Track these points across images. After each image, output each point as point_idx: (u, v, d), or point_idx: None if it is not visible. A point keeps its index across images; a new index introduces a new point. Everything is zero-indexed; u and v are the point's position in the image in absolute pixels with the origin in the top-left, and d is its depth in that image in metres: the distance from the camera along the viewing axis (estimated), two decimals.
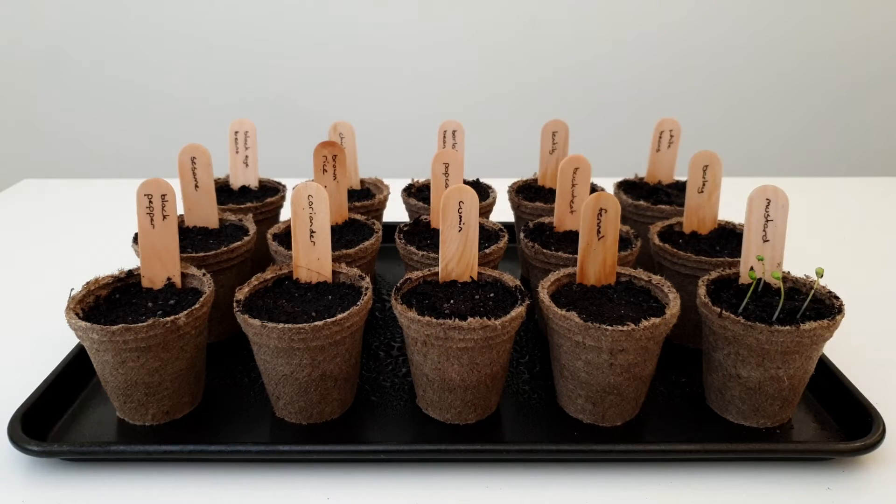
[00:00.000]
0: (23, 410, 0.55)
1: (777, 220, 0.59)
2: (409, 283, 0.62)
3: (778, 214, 0.59)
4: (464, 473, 0.54)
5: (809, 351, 0.55)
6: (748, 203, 0.59)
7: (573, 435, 0.58)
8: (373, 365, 0.68)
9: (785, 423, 0.59)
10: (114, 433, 0.57)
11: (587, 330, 0.54)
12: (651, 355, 0.57)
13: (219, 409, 0.61)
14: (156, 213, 0.60)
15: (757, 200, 0.59)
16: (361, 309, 0.57)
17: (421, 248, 0.71)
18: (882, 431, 0.54)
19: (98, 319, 0.57)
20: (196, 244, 0.71)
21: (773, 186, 0.58)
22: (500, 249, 0.71)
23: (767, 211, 0.58)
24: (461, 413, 0.58)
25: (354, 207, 0.83)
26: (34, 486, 0.52)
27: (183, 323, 0.55)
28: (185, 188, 0.73)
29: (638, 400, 0.59)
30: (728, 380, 0.58)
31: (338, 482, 0.53)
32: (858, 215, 1.11)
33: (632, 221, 0.83)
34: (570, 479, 0.53)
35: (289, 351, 0.55)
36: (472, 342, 0.54)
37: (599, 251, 0.62)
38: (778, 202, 0.58)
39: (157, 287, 0.62)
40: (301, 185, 0.60)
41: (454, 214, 0.59)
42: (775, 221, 0.59)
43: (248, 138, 0.84)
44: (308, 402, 0.58)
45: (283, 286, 0.62)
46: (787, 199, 0.58)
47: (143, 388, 0.56)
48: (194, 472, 0.54)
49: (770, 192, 0.58)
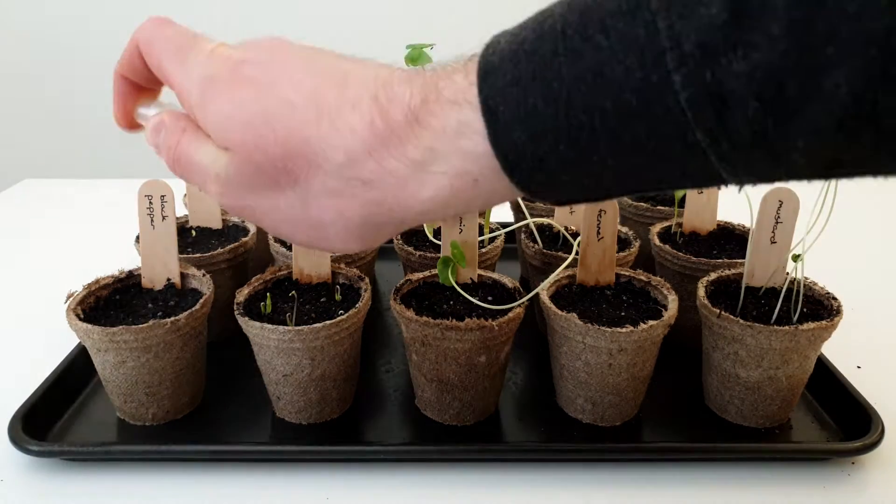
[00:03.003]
0: (23, 410, 0.55)
1: (786, 222, 0.59)
2: (408, 284, 0.62)
3: (788, 217, 0.59)
4: (463, 473, 0.54)
5: (808, 351, 0.55)
6: (761, 203, 0.59)
7: (572, 435, 0.58)
8: (372, 365, 0.68)
9: (784, 424, 0.59)
10: (114, 433, 0.58)
11: (587, 331, 0.54)
12: (650, 356, 0.57)
13: (219, 409, 0.61)
14: (155, 213, 0.60)
15: (770, 201, 0.59)
16: (360, 310, 0.57)
17: (419, 249, 0.71)
18: (881, 432, 0.54)
19: (98, 320, 0.57)
20: (199, 244, 0.72)
21: (788, 189, 0.58)
22: (496, 249, 0.72)
23: (778, 213, 0.59)
24: (459, 414, 0.58)
25: None
26: (34, 486, 0.52)
27: (183, 323, 0.56)
28: (190, 188, 0.73)
29: (637, 400, 0.59)
30: (727, 380, 0.58)
31: (337, 482, 0.53)
32: (858, 215, 1.11)
33: (631, 222, 0.83)
34: (569, 479, 0.53)
35: (288, 351, 0.55)
36: (469, 343, 0.54)
37: (599, 252, 0.62)
38: (790, 205, 0.59)
39: (157, 287, 0.62)
40: None
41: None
42: (784, 223, 0.59)
43: None
44: (308, 402, 0.58)
45: (283, 287, 0.63)
46: (798, 203, 0.58)
47: (143, 388, 0.56)
48: (194, 472, 0.54)
49: (784, 195, 0.58)
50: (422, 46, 0.61)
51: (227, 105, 0.32)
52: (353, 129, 0.30)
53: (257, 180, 0.32)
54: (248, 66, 0.32)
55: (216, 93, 0.32)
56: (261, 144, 0.31)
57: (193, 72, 0.33)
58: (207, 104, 0.33)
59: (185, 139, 0.35)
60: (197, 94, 0.33)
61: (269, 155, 0.31)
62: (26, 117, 1.98)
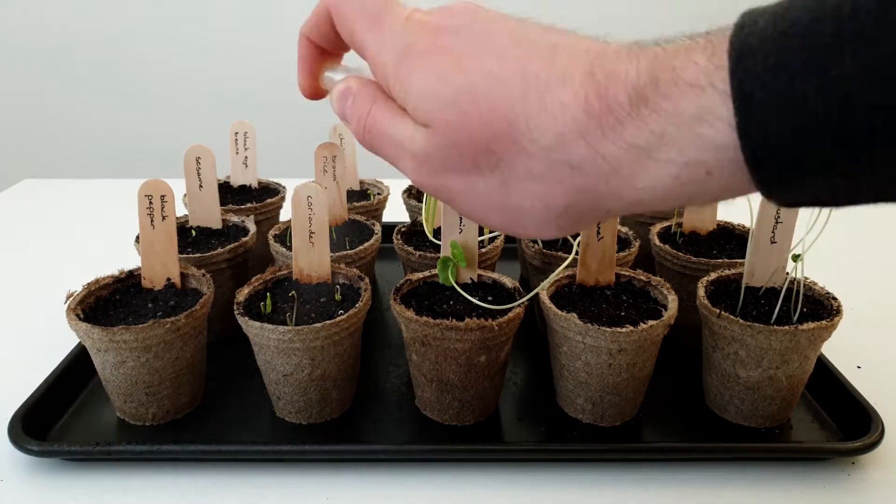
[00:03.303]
0: (23, 410, 0.55)
1: (786, 222, 0.59)
2: (408, 284, 0.62)
3: (788, 217, 0.59)
4: (463, 473, 0.54)
5: (808, 351, 0.55)
6: (761, 203, 0.59)
7: (572, 435, 0.58)
8: (372, 365, 0.68)
9: (784, 423, 0.59)
10: (114, 433, 0.58)
11: (587, 331, 0.54)
12: (650, 356, 0.57)
13: (219, 409, 0.61)
14: (155, 213, 0.60)
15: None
16: (360, 310, 0.57)
17: (419, 249, 0.71)
18: (881, 432, 0.54)
19: (98, 320, 0.57)
20: (199, 244, 0.72)
21: None
22: (496, 248, 0.72)
23: (778, 213, 0.59)
24: (459, 414, 0.58)
25: (354, 208, 0.84)
26: (34, 486, 0.52)
27: (183, 323, 0.56)
28: (190, 188, 0.73)
29: (637, 400, 0.59)
30: (727, 380, 0.58)
31: (337, 482, 0.53)
32: (858, 215, 1.11)
33: (631, 222, 0.83)
34: (569, 480, 0.53)
35: (288, 351, 0.55)
36: (469, 343, 0.54)
37: (598, 252, 0.62)
38: None
39: (157, 287, 0.62)
40: (300, 186, 0.60)
41: (454, 216, 0.60)
42: (784, 223, 0.59)
43: (248, 139, 0.85)
44: (308, 402, 0.58)
45: (283, 287, 0.63)
46: None
47: (143, 388, 0.56)
48: (194, 472, 0.54)
49: None
50: None
51: (427, 79, 0.30)
52: (565, 107, 0.27)
53: (457, 161, 0.30)
54: (447, 35, 0.30)
55: (415, 65, 0.30)
56: (465, 123, 0.29)
57: (389, 40, 0.32)
58: (406, 76, 0.31)
59: (376, 109, 0.33)
60: (393, 64, 0.31)
61: (471, 134, 0.29)
62: (26, 117, 1.98)
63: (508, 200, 0.30)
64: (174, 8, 1.85)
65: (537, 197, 0.29)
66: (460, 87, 0.29)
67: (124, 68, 1.91)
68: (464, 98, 0.29)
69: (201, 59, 1.90)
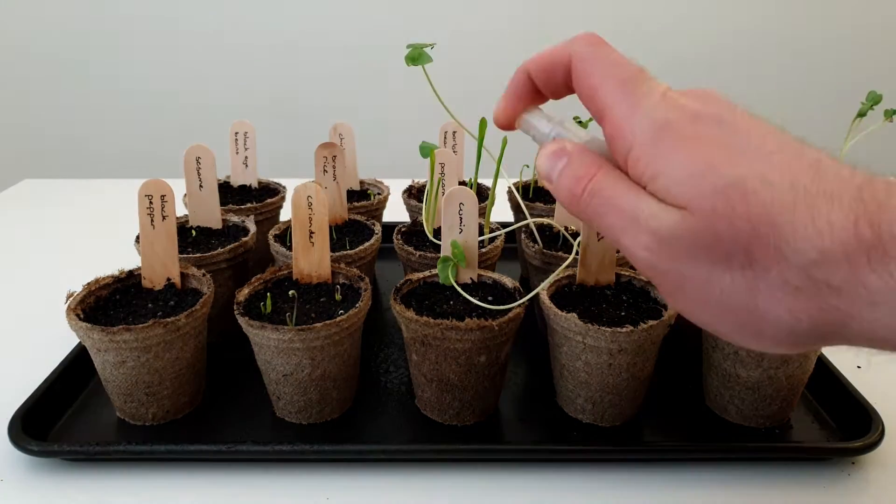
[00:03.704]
0: (23, 410, 0.55)
1: None
2: (409, 283, 0.62)
3: None
4: (463, 473, 0.54)
5: (808, 351, 0.55)
6: None
7: (572, 435, 0.58)
8: (372, 365, 0.68)
9: (784, 423, 0.59)
10: (114, 433, 0.58)
11: (587, 331, 0.54)
12: (650, 356, 0.57)
13: (219, 409, 0.61)
14: (155, 213, 0.60)
15: None
16: (360, 310, 0.57)
17: (419, 249, 0.71)
18: (881, 432, 0.54)
19: (98, 320, 0.57)
20: (199, 244, 0.72)
21: None
22: (496, 249, 0.72)
23: None
24: (459, 414, 0.58)
25: (354, 208, 0.84)
26: (34, 486, 0.52)
27: (183, 323, 0.56)
28: (190, 188, 0.73)
29: (637, 400, 0.59)
30: (727, 380, 0.58)
31: (337, 482, 0.53)
32: None
33: None
34: (569, 480, 0.53)
35: (288, 351, 0.55)
36: (469, 343, 0.54)
37: (599, 252, 0.62)
38: None
39: (157, 287, 0.62)
40: (300, 186, 0.60)
41: (454, 216, 0.59)
42: None
43: (248, 139, 0.85)
44: (308, 402, 0.58)
45: (283, 287, 0.63)
46: None
47: (143, 388, 0.56)
48: (194, 472, 0.54)
49: None
50: (422, 46, 0.61)
51: (694, 163, 0.29)
52: (832, 225, 0.27)
53: (707, 250, 0.29)
54: (710, 125, 0.30)
55: (678, 145, 0.30)
56: (730, 216, 0.28)
57: (644, 111, 0.31)
58: (665, 153, 0.30)
59: (605, 177, 0.32)
60: (649, 136, 0.30)
61: (735, 229, 0.28)
62: (26, 117, 1.98)
63: (753, 305, 0.29)
64: (174, 8, 1.85)
65: (787, 309, 0.28)
66: (731, 180, 0.28)
67: (124, 68, 1.91)
68: (734, 191, 0.28)
69: (201, 59, 1.90)
